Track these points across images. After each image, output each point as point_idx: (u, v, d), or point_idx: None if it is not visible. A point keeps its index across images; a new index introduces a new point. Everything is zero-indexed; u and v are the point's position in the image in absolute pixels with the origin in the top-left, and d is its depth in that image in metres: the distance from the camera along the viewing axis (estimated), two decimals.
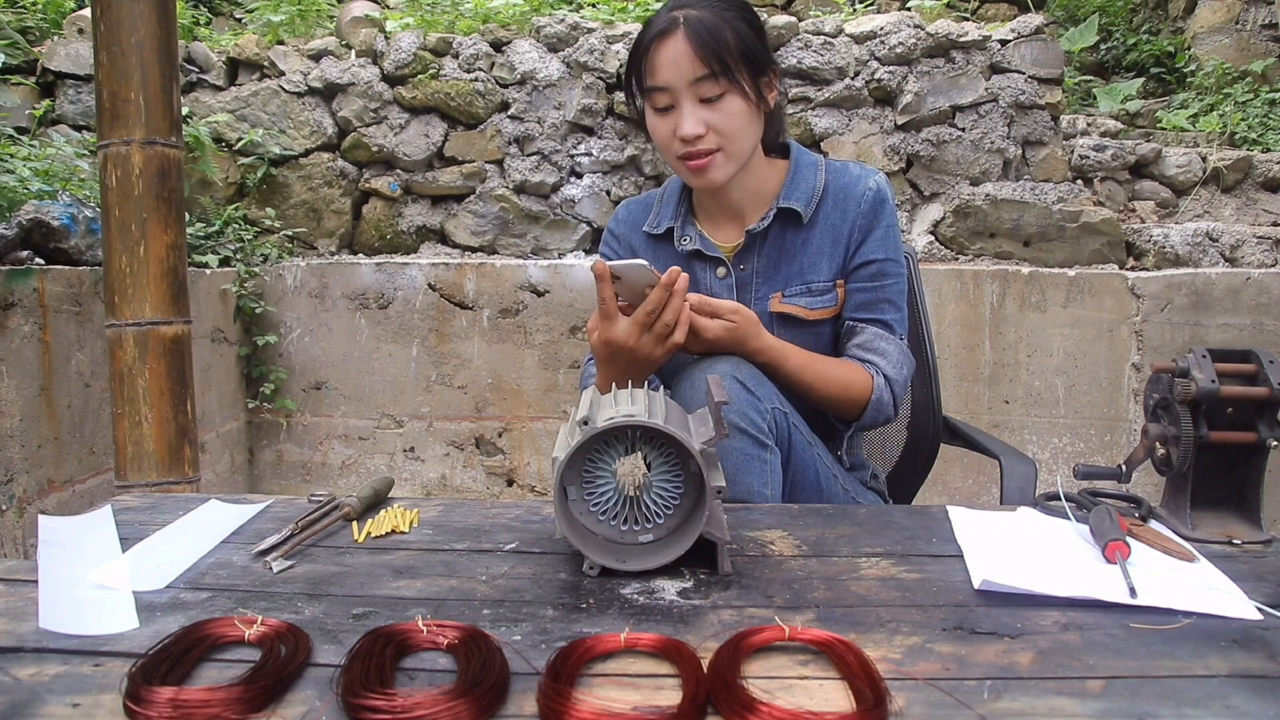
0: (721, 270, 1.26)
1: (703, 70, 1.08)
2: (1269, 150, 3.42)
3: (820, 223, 1.23)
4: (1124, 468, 0.98)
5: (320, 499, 1.00)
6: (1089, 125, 3.55)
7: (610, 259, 1.35)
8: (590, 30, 2.99)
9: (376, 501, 1.02)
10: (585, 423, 0.80)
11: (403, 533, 0.93)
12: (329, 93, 3.01)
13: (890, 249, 1.24)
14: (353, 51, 3.05)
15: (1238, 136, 3.58)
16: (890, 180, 1.28)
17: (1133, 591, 0.72)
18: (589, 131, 3.02)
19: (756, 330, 1.12)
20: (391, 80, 3.01)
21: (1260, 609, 0.71)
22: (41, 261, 2.05)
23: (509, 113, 3.00)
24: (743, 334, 1.10)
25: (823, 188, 1.24)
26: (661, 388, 0.92)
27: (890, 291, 1.24)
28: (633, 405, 0.82)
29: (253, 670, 0.59)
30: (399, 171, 3.04)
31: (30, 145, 2.57)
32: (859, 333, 1.23)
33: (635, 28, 3.01)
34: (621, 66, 2.96)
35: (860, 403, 1.20)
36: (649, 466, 0.85)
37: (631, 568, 0.79)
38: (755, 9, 1.18)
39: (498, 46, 3.04)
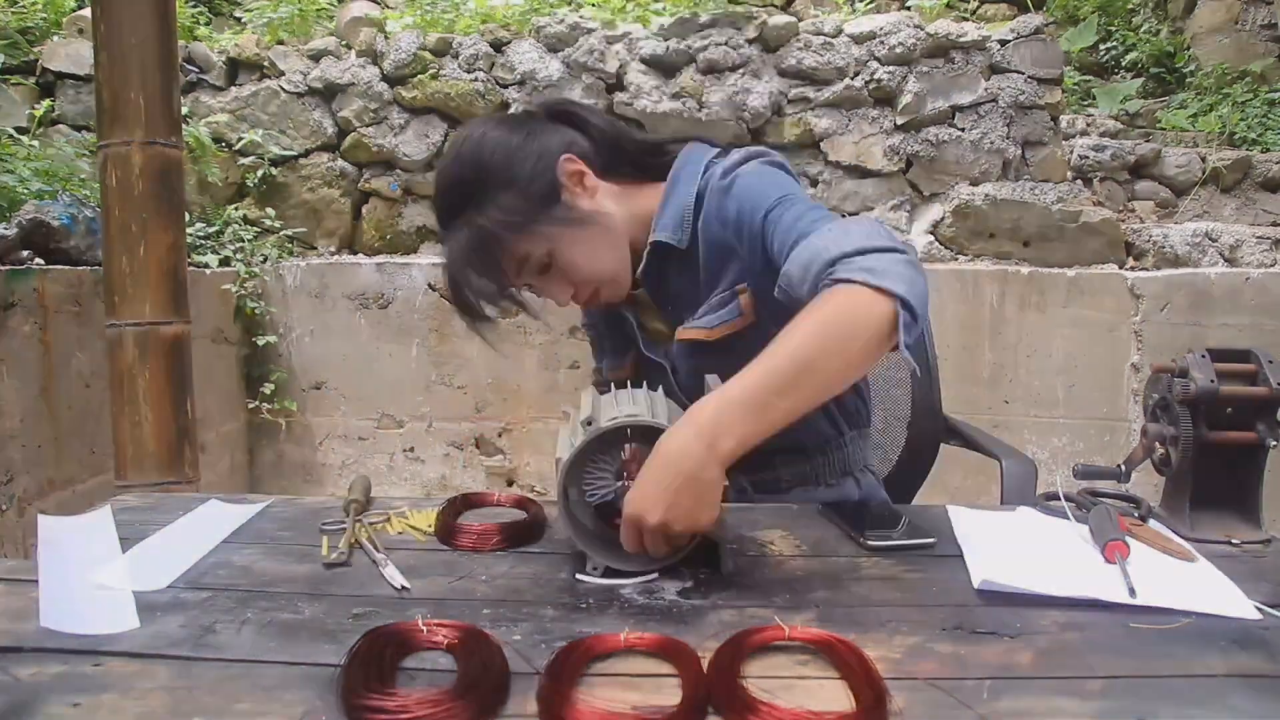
0: (630, 319, 1.16)
1: (496, 285, 1.01)
2: (1268, 150, 3.42)
3: (702, 237, 1.06)
4: (1124, 468, 0.98)
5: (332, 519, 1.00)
6: (1089, 125, 3.55)
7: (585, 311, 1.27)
8: (590, 30, 2.99)
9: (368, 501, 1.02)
10: (588, 423, 0.80)
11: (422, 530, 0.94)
12: (329, 93, 3.01)
13: (758, 198, 1.00)
14: (353, 51, 3.04)
15: (1237, 136, 3.58)
16: (751, 158, 1.07)
17: (1132, 591, 0.72)
18: None
19: (696, 420, 0.77)
20: (391, 80, 3.01)
21: (1260, 609, 0.71)
22: (41, 261, 2.05)
23: (509, 113, 3.00)
24: (688, 449, 0.75)
25: (695, 198, 1.06)
26: (660, 388, 0.92)
27: (774, 222, 0.97)
28: (634, 405, 0.82)
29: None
30: (399, 172, 3.03)
31: (30, 145, 2.57)
32: (790, 260, 0.91)
33: (635, 28, 3.01)
34: (622, 67, 2.96)
35: (873, 327, 0.79)
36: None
37: (635, 568, 0.79)
38: (468, 160, 1.02)
39: (498, 46, 3.03)
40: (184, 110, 2.61)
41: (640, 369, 1.18)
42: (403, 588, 0.77)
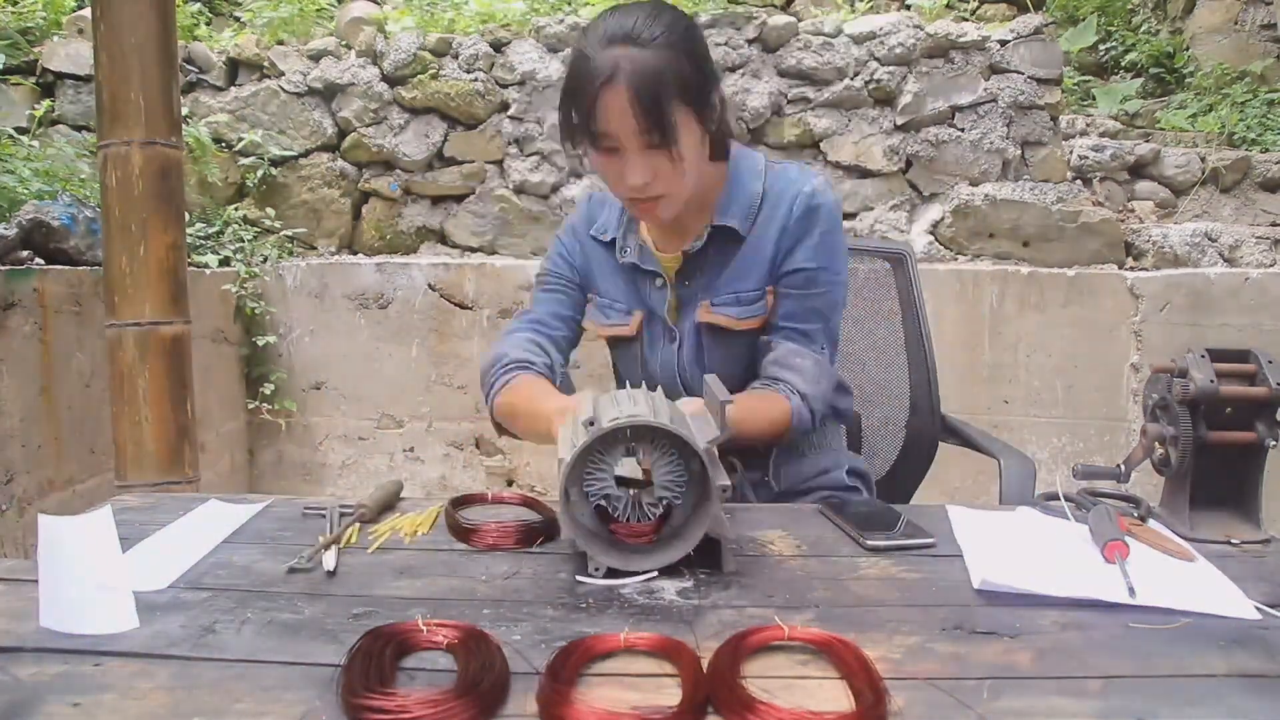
0: (659, 281, 1.22)
1: (646, 123, 1.04)
2: (1267, 150, 3.43)
3: (757, 231, 1.18)
4: (1123, 468, 0.98)
5: (316, 509, 0.99)
6: (1088, 126, 3.55)
7: (562, 257, 1.30)
8: None
9: (388, 505, 1.02)
10: (590, 423, 0.80)
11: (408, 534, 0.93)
12: (329, 93, 3.01)
13: (823, 257, 1.17)
14: (352, 52, 3.04)
15: (1236, 137, 3.59)
16: (830, 184, 1.20)
17: (1132, 591, 0.72)
18: None
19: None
20: (391, 80, 3.01)
21: (1259, 609, 0.71)
22: (41, 261, 2.05)
23: (509, 113, 3.00)
24: None
25: (761, 196, 1.18)
26: (660, 388, 0.92)
27: (818, 301, 1.18)
28: (635, 405, 0.82)
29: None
30: (399, 172, 3.04)
31: (30, 145, 2.57)
32: (774, 348, 1.17)
33: None
34: None
35: (781, 430, 1.15)
36: (646, 469, 0.85)
37: (636, 568, 0.79)
38: (695, 27, 1.11)
39: (498, 47, 3.03)
40: (184, 110, 2.61)
41: (643, 330, 1.24)
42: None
